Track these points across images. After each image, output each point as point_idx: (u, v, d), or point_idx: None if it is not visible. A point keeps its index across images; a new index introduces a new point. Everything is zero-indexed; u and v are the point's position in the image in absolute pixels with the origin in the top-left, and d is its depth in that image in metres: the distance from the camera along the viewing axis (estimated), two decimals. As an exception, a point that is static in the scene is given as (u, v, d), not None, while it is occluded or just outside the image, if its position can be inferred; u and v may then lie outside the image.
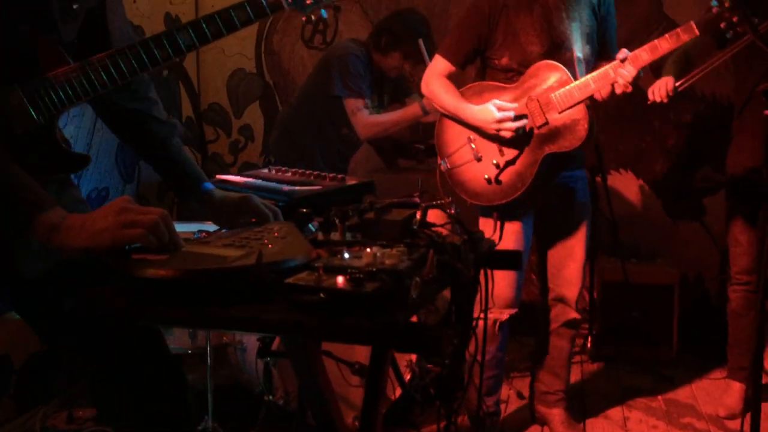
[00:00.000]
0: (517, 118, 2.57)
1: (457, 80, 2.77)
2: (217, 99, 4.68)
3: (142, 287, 1.17)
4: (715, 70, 2.90)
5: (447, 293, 1.41)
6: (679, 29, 2.37)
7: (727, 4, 2.21)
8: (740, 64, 2.97)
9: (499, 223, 2.70)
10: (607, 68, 2.49)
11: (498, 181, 2.66)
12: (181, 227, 1.43)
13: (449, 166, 2.73)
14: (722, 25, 2.23)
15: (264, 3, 1.48)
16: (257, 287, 1.16)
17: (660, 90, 2.85)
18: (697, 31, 2.33)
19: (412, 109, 3.33)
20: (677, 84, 2.84)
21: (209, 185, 1.76)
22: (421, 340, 1.10)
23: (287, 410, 2.82)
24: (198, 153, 4.70)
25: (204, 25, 1.47)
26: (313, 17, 1.59)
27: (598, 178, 3.49)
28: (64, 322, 1.47)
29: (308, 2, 1.52)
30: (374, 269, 1.12)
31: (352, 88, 3.34)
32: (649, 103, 2.89)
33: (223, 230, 1.63)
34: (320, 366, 1.33)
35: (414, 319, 2.00)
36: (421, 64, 3.29)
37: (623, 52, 2.45)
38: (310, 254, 1.28)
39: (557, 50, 2.59)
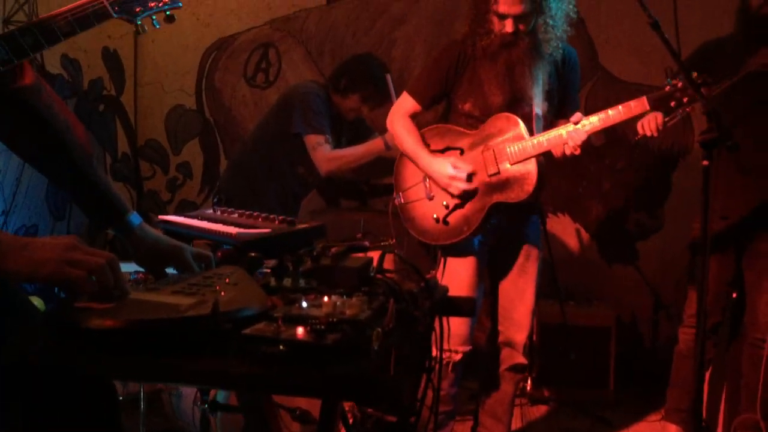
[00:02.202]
0: (469, 177, 2.64)
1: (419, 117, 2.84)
2: (155, 135, 4.57)
3: (90, 338, 1.10)
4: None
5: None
6: (631, 102, 2.46)
7: (680, 85, 2.32)
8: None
9: (443, 260, 2.76)
10: (560, 129, 2.56)
11: (445, 222, 2.70)
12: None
13: (403, 201, 2.80)
14: (672, 104, 2.35)
15: (90, 14, 1.44)
16: (212, 338, 1.11)
17: (650, 124, 2.82)
18: (648, 106, 2.45)
19: (375, 144, 3.32)
20: (666, 119, 2.88)
21: (136, 219, 1.63)
22: (380, 393, 1.06)
23: (225, 459, 2.71)
24: (134, 190, 4.57)
25: (20, 38, 1.42)
26: (146, 27, 1.57)
27: (538, 222, 3.55)
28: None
29: (137, 10, 1.49)
30: (335, 320, 1.09)
31: (314, 125, 3.30)
32: (638, 138, 2.83)
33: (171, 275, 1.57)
34: (274, 416, 1.28)
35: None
36: (378, 108, 3.31)
37: (577, 116, 2.53)
38: (266, 303, 1.23)
39: (517, 103, 2.66)
